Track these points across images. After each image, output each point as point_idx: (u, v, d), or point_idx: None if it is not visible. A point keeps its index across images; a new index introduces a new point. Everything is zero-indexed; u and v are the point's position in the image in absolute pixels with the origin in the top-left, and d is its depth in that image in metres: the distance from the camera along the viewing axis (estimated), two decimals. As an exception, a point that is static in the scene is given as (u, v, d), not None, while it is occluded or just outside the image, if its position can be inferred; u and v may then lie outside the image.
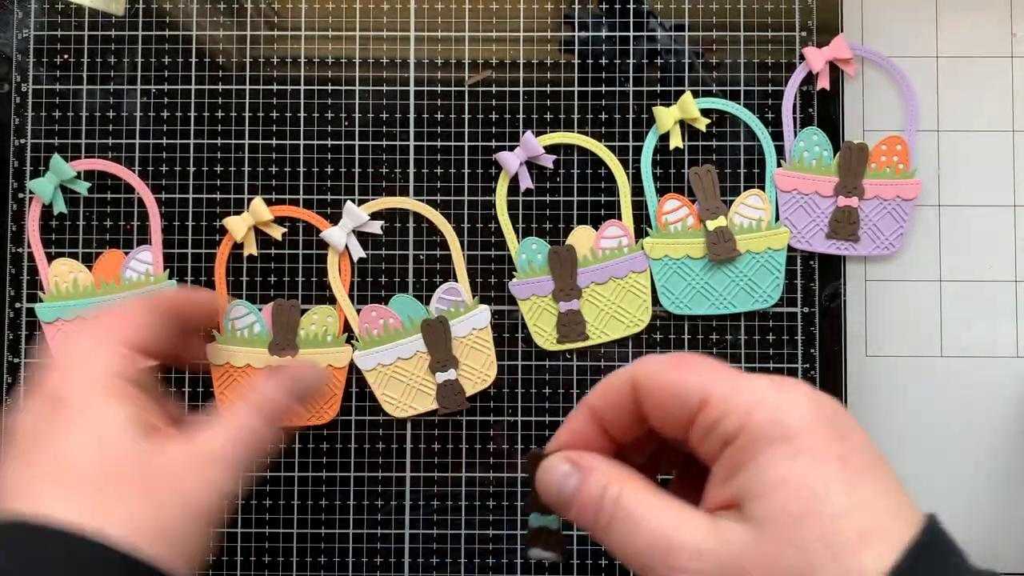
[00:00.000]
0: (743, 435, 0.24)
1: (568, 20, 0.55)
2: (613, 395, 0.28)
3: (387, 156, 0.54)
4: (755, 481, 0.24)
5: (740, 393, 0.25)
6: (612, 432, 0.29)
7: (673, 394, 0.26)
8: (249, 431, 0.33)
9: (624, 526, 0.26)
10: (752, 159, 0.54)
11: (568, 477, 0.28)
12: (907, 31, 0.55)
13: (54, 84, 0.54)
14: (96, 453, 0.27)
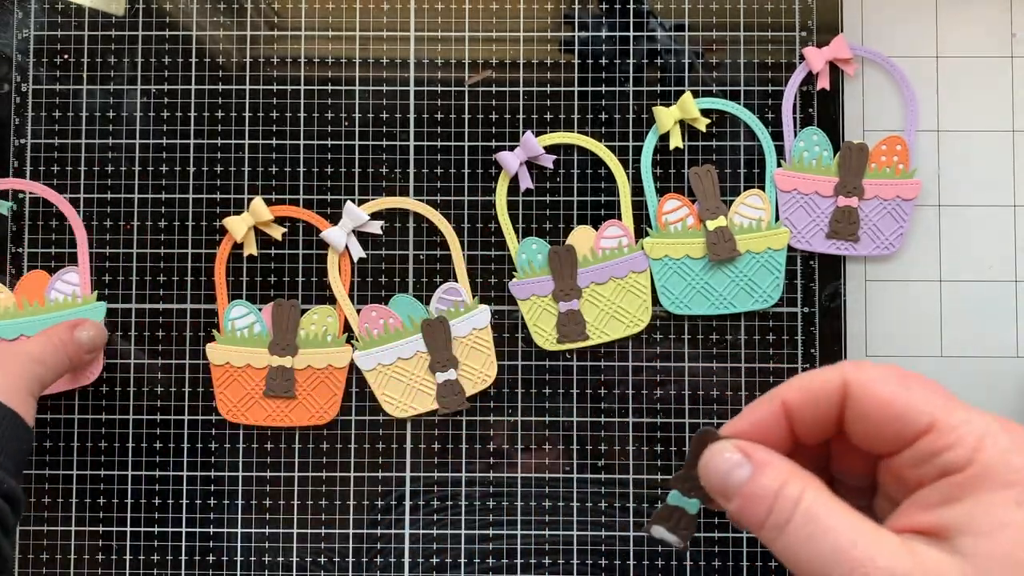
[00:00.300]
0: (970, 469, 0.24)
1: (568, 20, 0.55)
2: (815, 394, 0.27)
3: (387, 156, 0.54)
4: (977, 517, 0.23)
5: (971, 425, 0.24)
6: (799, 432, 0.28)
7: (897, 412, 0.25)
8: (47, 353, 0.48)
9: (805, 530, 0.25)
10: (752, 159, 0.54)
11: (739, 467, 0.26)
12: (907, 31, 0.55)
13: (54, 84, 0.54)
14: None
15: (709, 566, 0.53)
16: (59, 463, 0.53)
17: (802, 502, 0.25)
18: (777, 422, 0.28)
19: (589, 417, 0.54)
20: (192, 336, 0.54)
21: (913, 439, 0.25)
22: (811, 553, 0.24)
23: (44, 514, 0.53)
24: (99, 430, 0.54)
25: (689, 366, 0.54)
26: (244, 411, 0.53)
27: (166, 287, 0.54)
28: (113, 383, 0.54)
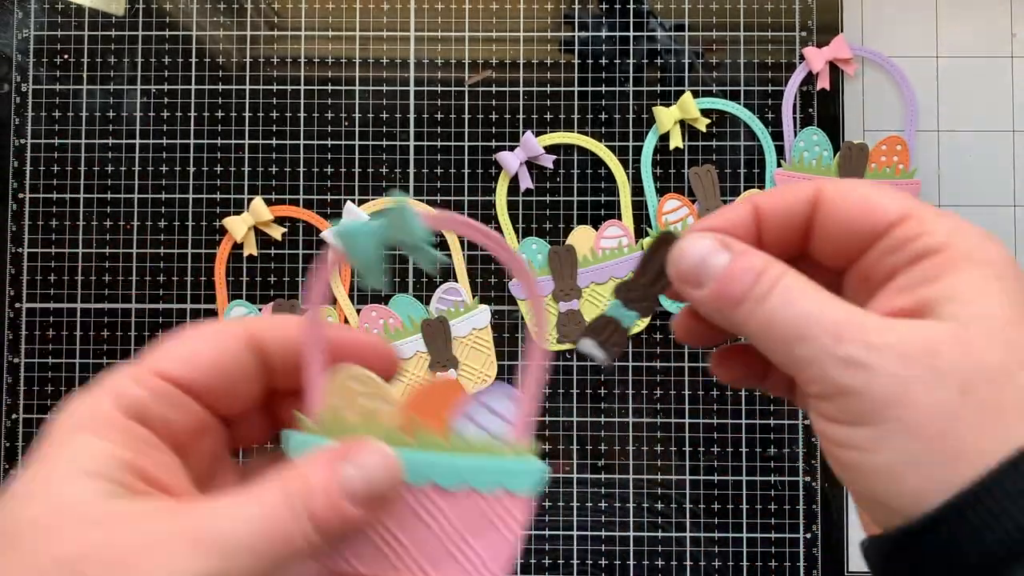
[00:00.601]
0: (947, 251, 0.24)
1: (568, 20, 0.55)
2: (788, 200, 0.27)
3: (387, 156, 0.54)
4: (959, 288, 0.23)
5: (943, 217, 0.25)
6: (767, 240, 0.28)
7: (871, 205, 0.26)
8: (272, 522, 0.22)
9: (786, 296, 0.24)
10: (752, 159, 0.54)
11: (717, 252, 0.25)
12: (907, 31, 0.55)
13: (54, 84, 0.54)
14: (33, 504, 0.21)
15: (709, 566, 0.53)
16: (59, 463, 0.53)
17: (787, 277, 0.25)
18: (747, 226, 0.27)
19: (589, 417, 0.54)
20: (192, 336, 0.54)
21: (885, 229, 0.25)
22: (792, 318, 0.24)
23: (44, 514, 0.53)
24: (99, 430, 0.54)
25: (689, 366, 0.54)
26: (244, 411, 0.53)
27: (166, 287, 0.54)
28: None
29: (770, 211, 0.27)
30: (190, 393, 0.24)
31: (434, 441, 0.26)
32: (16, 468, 0.53)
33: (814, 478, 0.53)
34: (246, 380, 0.25)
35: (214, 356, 0.25)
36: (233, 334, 0.25)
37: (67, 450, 0.22)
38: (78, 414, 0.23)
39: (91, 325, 0.54)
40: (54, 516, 0.21)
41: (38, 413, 0.53)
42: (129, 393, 0.23)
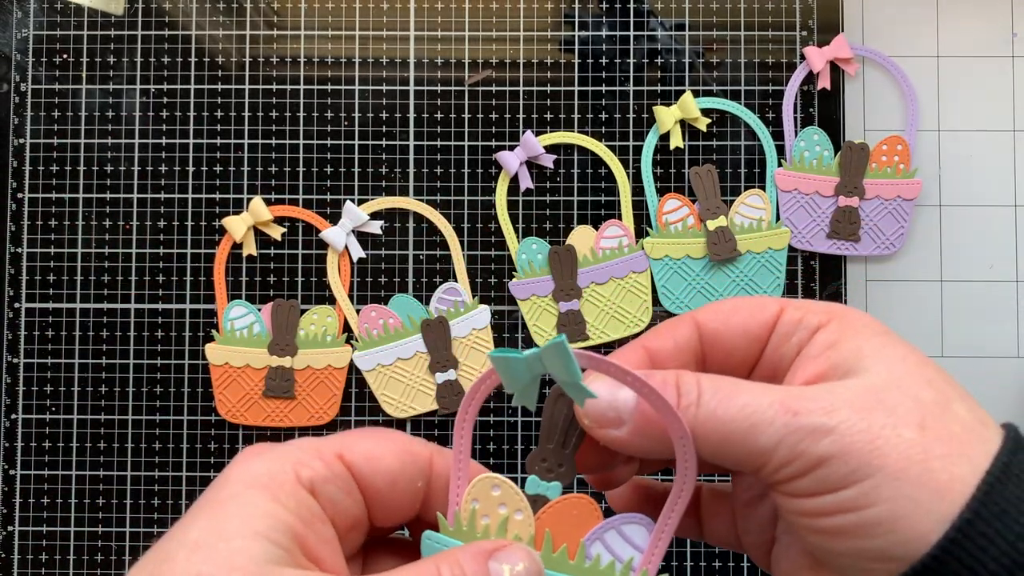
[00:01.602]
0: (835, 323, 0.26)
1: (568, 20, 0.55)
2: (675, 334, 0.28)
3: (387, 156, 0.54)
4: (865, 345, 0.25)
5: (812, 302, 0.27)
6: None
7: (751, 310, 0.27)
8: None
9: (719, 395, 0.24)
10: (752, 159, 0.54)
11: (617, 388, 0.25)
12: (907, 31, 0.55)
13: (54, 84, 0.54)
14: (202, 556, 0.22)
15: (709, 567, 0.53)
16: (59, 463, 0.53)
17: (704, 379, 0.25)
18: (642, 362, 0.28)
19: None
20: (191, 336, 0.54)
21: (773, 322, 0.27)
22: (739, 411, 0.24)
23: (44, 514, 0.53)
24: (99, 430, 0.53)
25: (689, 366, 0.54)
26: (244, 412, 0.53)
27: (166, 287, 0.54)
28: (112, 383, 0.53)
29: (658, 348, 0.28)
30: (361, 487, 0.25)
31: (563, 560, 0.26)
32: (14, 469, 0.53)
33: (815, 478, 0.53)
34: (411, 501, 0.26)
35: (395, 467, 0.26)
36: (418, 457, 0.26)
37: (242, 506, 0.23)
38: (257, 472, 0.24)
39: (90, 325, 0.54)
40: (221, 571, 0.21)
41: (38, 413, 0.53)
42: (310, 464, 0.24)
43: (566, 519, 0.26)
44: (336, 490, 0.25)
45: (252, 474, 0.24)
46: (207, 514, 0.23)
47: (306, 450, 0.25)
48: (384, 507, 0.26)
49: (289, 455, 0.24)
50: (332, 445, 0.25)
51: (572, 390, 0.25)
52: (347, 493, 0.25)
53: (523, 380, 0.25)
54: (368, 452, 0.25)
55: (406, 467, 0.26)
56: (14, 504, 0.53)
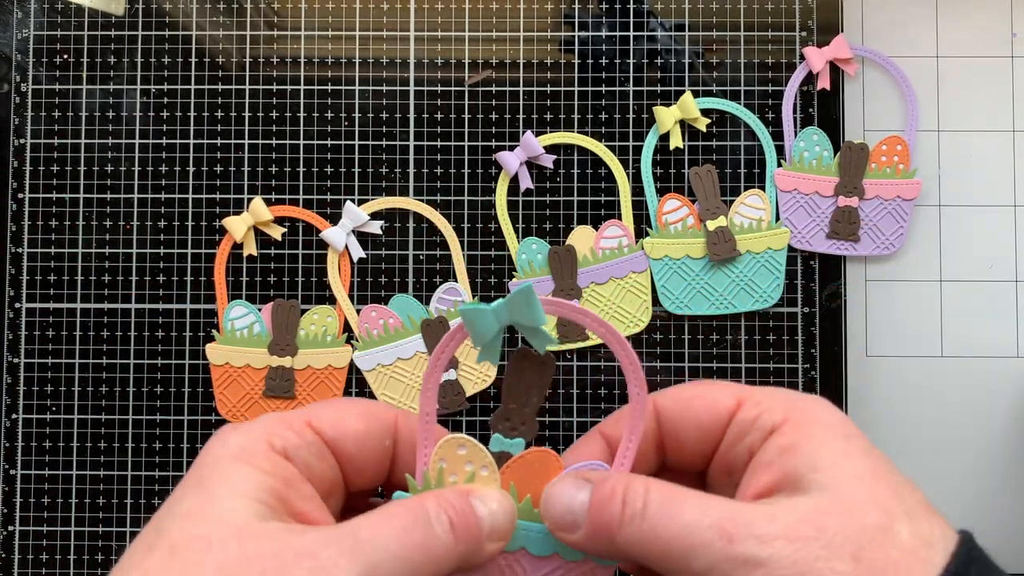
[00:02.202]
0: (790, 424, 0.26)
1: (568, 20, 0.55)
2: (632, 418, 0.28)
3: (387, 156, 0.54)
4: (818, 455, 0.25)
5: (773, 394, 0.27)
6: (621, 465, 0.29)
7: (706, 403, 0.27)
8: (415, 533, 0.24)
9: (663, 509, 0.24)
10: (752, 159, 0.54)
11: (580, 489, 0.26)
12: (907, 31, 0.55)
13: (54, 84, 0.54)
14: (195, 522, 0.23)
15: None
16: (59, 463, 0.53)
17: (653, 488, 0.25)
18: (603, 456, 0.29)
19: (589, 417, 0.54)
20: (192, 336, 0.54)
21: (728, 418, 0.27)
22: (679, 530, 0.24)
23: (44, 514, 0.53)
24: (99, 430, 0.53)
25: (689, 366, 0.54)
26: (244, 412, 0.53)
27: (166, 287, 0.54)
28: (112, 383, 0.53)
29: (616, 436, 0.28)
30: (332, 451, 0.27)
31: (528, 510, 0.28)
32: (14, 469, 0.53)
33: (814, 478, 0.53)
34: (380, 462, 0.28)
35: (362, 431, 0.27)
36: (382, 419, 0.28)
37: (225, 476, 0.24)
38: (234, 445, 0.25)
39: (91, 325, 0.54)
40: (216, 531, 0.23)
41: (38, 413, 0.53)
42: (281, 434, 0.26)
43: (529, 472, 0.28)
44: (309, 455, 0.26)
45: (229, 449, 0.25)
46: (193, 490, 0.24)
47: (275, 422, 0.26)
48: (355, 469, 0.27)
49: (260, 428, 0.26)
50: (299, 415, 0.27)
51: (535, 336, 0.26)
52: (320, 458, 0.26)
53: (490, 332, 0.26)
54: (333, 418, 0.27)
55: (371, 428, 0.27)
56: (14, 504, 0.53)
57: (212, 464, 0.25)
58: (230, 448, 0.25)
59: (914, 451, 0.54)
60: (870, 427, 0.54)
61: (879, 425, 0.54)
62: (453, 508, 0.25)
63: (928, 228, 0.55)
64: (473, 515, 0.25)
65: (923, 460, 0.54)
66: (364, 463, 0.27)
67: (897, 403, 0.54)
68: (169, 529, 0.24)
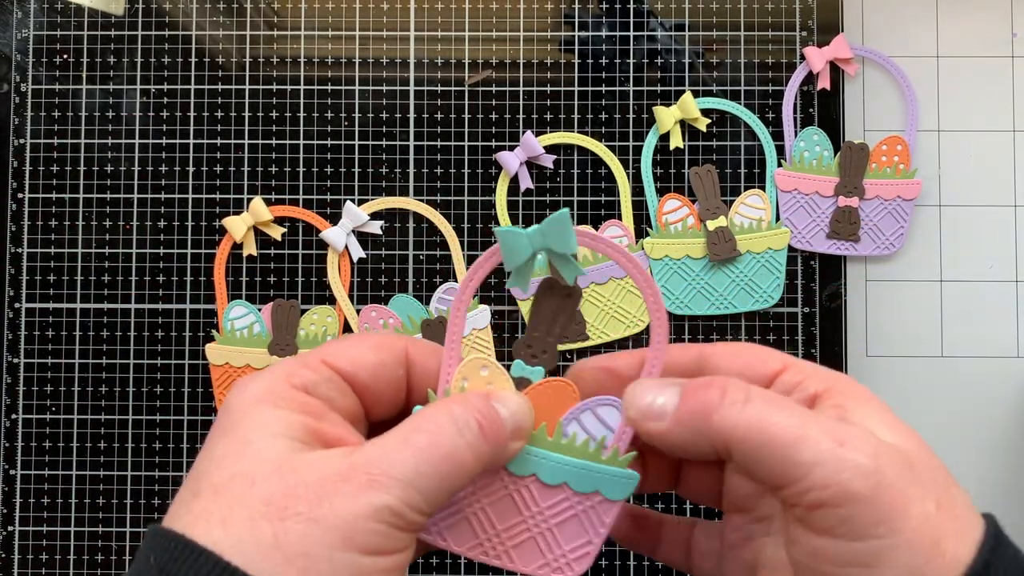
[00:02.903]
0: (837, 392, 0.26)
1: (568, 20, 0.55)
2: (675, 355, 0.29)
3: (387, 156, 0.54)
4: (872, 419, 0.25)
5: (816, 368, 0.28)
6: None
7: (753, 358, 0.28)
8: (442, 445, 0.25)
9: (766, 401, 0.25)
10: (752, 159, 0.54)
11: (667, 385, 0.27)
12: (907, 31, 0.55)
13: (54, 84, 0.54)
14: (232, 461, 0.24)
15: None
16: (59, 463, 0.53)
17: (755, 388, 0.26)
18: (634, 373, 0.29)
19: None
20: (192, 336, 0.54)
21: (772, 378, 0.28)
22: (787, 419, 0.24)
23: (44, 514, 0.53)
24: (99, 430, 0.53)
25: (689, 366, 0.54)
26: (244, 411, 0.53)
27: (166, 287, 0.54)
28: (112, 383, 0.53)
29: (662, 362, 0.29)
30: (350, 385, 0.27)
31: (543, 438, 0.28)
32: (14, 469, 0.53)
33: (814, 478, 0.53)
34: (396, 390, 0.28)
35: (375, 362, 0.27)
36: (393, 348, 0.28)
37: (254, 419, 0.25)
38: (255, 391, 0.26)
39: (91, 325, 0.54)
40: (257, 469, 0.23)
41: (38, 413, 0.53)
42: (299, 373, 0.26)
43: (546, 400, 0.28)
44: (329, 390, 0.27)
45: (251, 394, 0.26)
46: (224, 437, 0.25)
47: (291, 363, 0.27)
48: (374, 399, 0.28)
49: (278, 371, 0.26)
50: (313, 355, 0.27)
51: (565, 265, 0.27)
52: (340, 392, 0.27)
53: (523, 256, 0.27)
54: (347, 353, 0.27)
55: (384, 358, 0.28)
56: (14, 504, 0.53)
57: (238, 410, 0.25)
58: (252, 393, 0.26)
59: (914, 451, 0.54)
60: (870, 427, 0.54)
61: (879, 425, 0.54)
62: (479, 411, 0.26)
63: (928, 228, 0.55)
64: (497, 416, 0.26)
65: (923, 460, 0.54)
66: (381, 393, 0.28)
67: (897, 403, 0.54)
68: (208, 473, 0.24)
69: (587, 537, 0.28)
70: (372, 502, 0.23)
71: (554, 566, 0.28)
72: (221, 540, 0.22)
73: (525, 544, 0.28)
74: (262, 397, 0.25)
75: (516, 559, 0.28)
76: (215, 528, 0.22)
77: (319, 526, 0.22)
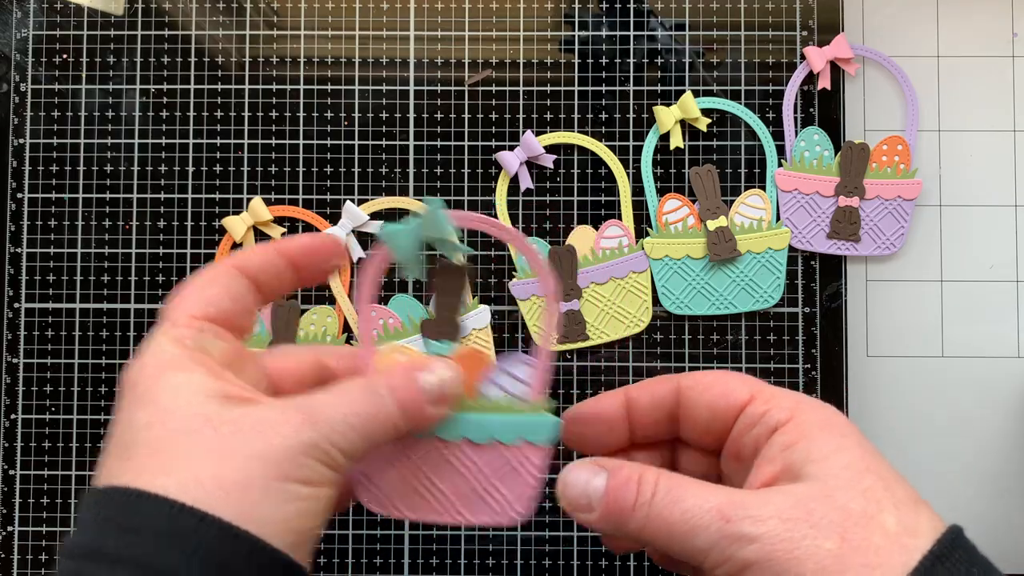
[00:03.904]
0: (793, 422, 0.28)
1: (568, 20, 0.55)
2: (654, 390, 0.32)
3: (387, 156, 0.54)
4: (815, 449, 0.27)
5: (784, 395, 0.29)
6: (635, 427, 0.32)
7: (723, 390, 0.30)
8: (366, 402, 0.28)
9: (671, 495, 0.27)
10: (753, 159, 0.54)
11: (596, 474, 0.29)
12: (907, 31, 0.55)
13: (54, 84, 0.54)
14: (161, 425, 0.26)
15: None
16: (59, 463, 0.53)
17: (662, 479, 0.28)
18: (618, 412, 0.32)
19: (589, 417, 0.54)
20: (192, 336, 0.54)
21: (739, 409, 0.30)
22: (681, 515, 0.27)
23: (44, 514, 0.53)
24: (99, 430, 0.53)
25: (689, 366, 0.54)
26: (244, 411, 0.53)
27: (166, 287, 0.54)
28: (112, 383, 0.53)
29: (639, 400, 0.32)
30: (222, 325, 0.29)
31: (465, 403, 0.31)
32: (14, 469, 0.53)
33: (815, 478, 0.53)
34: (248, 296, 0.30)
35: (221, 291, 0.29)
36: (225, 271, 0.30)
37: (168, 385, 0.26)
38: (157, 360, 0.27)
39: (90, 325, 0.54)
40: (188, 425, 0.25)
41: (37, 413, 0.53)
42: (183, 335, 0.27)
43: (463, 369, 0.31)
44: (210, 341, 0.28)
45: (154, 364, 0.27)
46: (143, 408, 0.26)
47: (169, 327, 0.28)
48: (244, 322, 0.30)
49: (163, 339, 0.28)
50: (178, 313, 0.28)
51: (447, 248, 0.30)
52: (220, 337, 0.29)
53: (409, 249, 0.30)
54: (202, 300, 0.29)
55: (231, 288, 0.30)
56: (14, 504, 0.53)
57: (146, 381, 0.27)
58: (154, 363, 0.27)
59: (914, 450, 0.54)
60: (870, 427, 0.54)
61: (879, 425, 0.54)
62: (396, 379, 0.29)
63: (928, 228, 0.55)
64: (415, 383, 0.29)
65: (923, 459, 0.54)
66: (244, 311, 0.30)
67: (897, 403, 0.54)
68: (137, 441, 0.25)
69: (525, 483, 0.32)
70: (303, 440, 0.25)
71: (501, 513, 0.32)
72: (167, 486, 0.24)
73: (472, 500, 0.32)
74: (165, 364, 0.27)
75: (468, 515, 0.32)
76: (159, 477, 0.24)
77: (257, 461, 0.25)
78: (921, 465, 0.54)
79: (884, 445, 0.55)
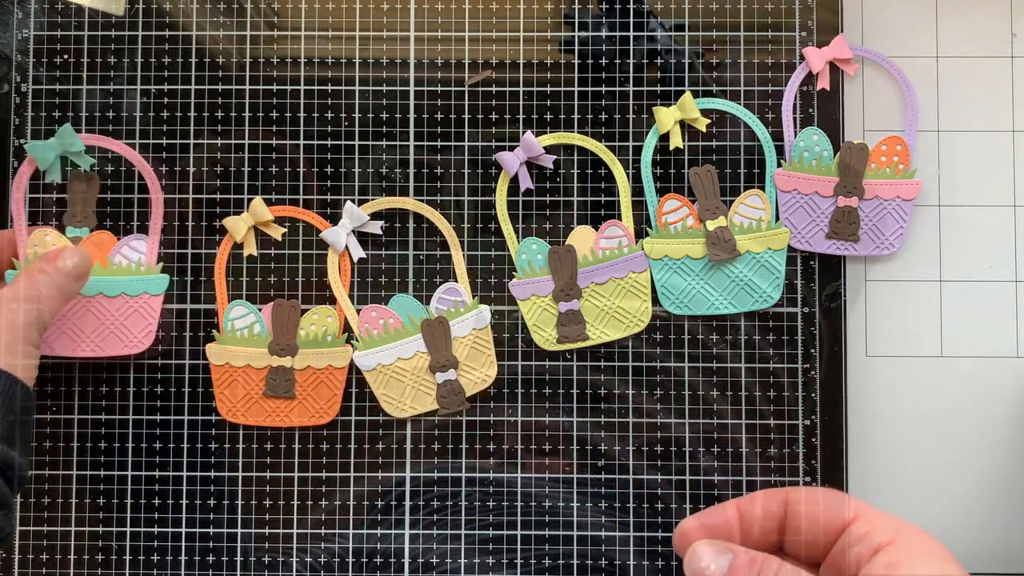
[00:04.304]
0: (895, 546, 0.31)
1: (568, 20, 0.55)
2: (765, 501, 0.35)
3: (387, 156, 0.54)
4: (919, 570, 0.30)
5: (885, 517, 0.33)
6: (744, 538, 0.36)
7: (830, 506, 0.34)
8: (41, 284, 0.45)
9: None
10: (752, 159, 0.54)
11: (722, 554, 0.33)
12: (907, 31, 0.55)
13: (54, 84, 0.54)
14: None
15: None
16: (59, 463, 0.53)
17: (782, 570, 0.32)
18: (732, 525, 0.36)
19: (589, 417, 0.54)
20: (192, 336, 0.54)
21: (844, 526, 0.33)
22: None
23: (44, 514, 0.53)
24: (99, 430, 0.54)
25: (689, 366, 0.54)
26: (244, 411, 0.53)
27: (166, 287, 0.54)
28: (113, 383, 0.54)
29: (749, 511, 0.36)
30: None
31: (99, 269, 0.50)
32: (16, 468, 0.53)
33: (814, 479, 0.53)
34: None
35: None
36: None
37: None
38: None
39: (91, 325, 0.54)
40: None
41: (37, 412, 0.53)
42: None
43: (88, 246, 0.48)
44: None
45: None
46: None
47: None
48: None
49: None
50: None
51: (79, 158, 0.50)
52: None
53: (49, 159, 0.51)
54: None
55: None
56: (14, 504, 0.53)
57: None
58: None
59: (914, 451, 0.54)
60: (870, 427, 0.54)
61: (879, 425, 0.54)
62: (46, 262, 0.46)
63: (928, 228, 0.55)
64: (60, 264, 0.46)
65: (923, 460, 0.54)
66: None
67: (897, 403, 0.54)
68: None
69: (147, 322, 0.51)
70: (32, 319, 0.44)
71: (131, 346, 0.51)
72: None
73: (109, 338, 0.51)
74: None
75: (105, 348, 0.51)
76: None
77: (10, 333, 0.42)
78: (920, 465, 0.54)
79: (883, 445, 0.55)
